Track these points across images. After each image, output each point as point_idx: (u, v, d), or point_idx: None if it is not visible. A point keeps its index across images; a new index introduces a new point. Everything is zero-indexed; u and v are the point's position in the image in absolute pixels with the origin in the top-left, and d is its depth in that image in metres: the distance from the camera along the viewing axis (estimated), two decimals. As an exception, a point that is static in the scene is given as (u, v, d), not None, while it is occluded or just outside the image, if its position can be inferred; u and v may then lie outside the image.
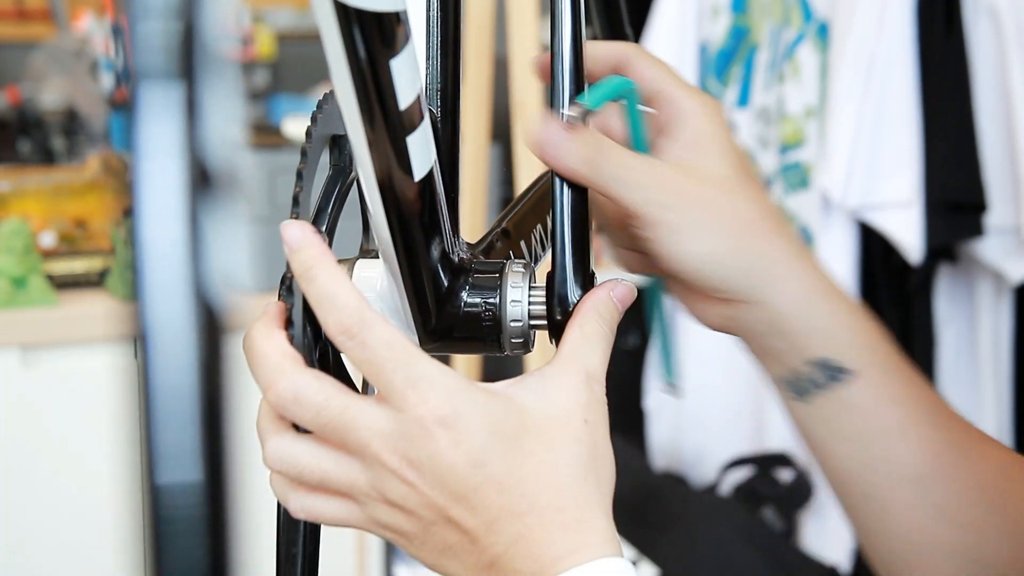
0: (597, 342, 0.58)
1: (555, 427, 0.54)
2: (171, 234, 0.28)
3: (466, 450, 0.52)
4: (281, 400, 0.52)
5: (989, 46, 1.96)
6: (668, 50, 2.38)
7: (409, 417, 0.52)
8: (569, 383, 0.56)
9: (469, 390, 0.53)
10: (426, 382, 0.52)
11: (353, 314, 0.52)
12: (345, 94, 0.50)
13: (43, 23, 3.03)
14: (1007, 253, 1.99)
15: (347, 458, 0.53)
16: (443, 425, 0.51)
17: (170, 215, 0.28)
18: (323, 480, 0.54)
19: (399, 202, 0.55)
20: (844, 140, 2.02)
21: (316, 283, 0.52)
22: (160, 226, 0.28)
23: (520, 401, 0.54)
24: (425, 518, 0.53)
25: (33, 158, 2.75)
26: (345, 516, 0.55)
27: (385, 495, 0.53)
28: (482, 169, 1.78)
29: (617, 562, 0.52)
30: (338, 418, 0.52)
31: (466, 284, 0.61)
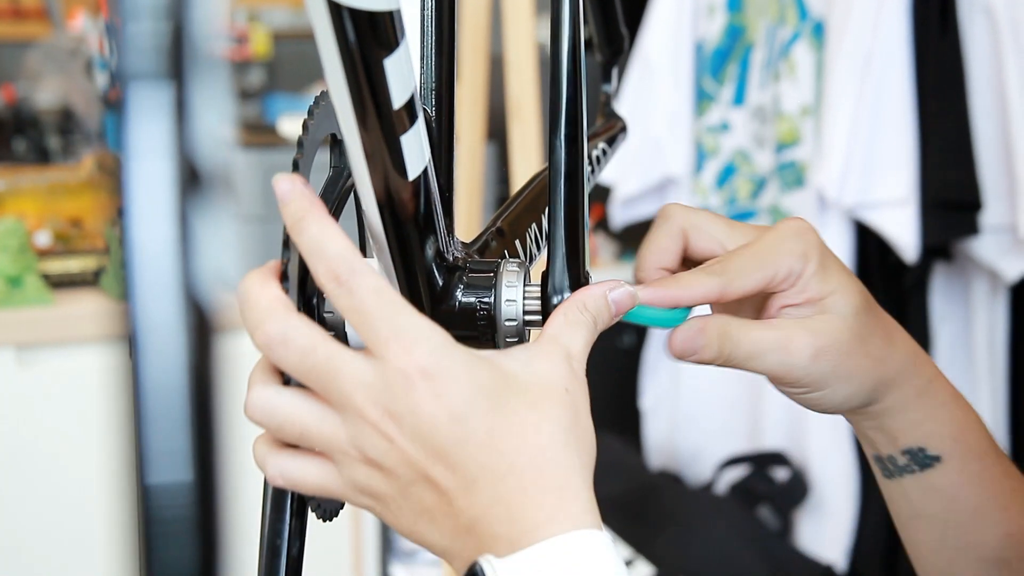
0: (578, 329, 0.58)
1: (538, 391, 0.54)
2: (161, 234, 0.28)
3: (447, 403, 0.51)
4: (268, 340, 0.52)
5: (984, 44, 1.96)
6: (664, 49, 2.38)
7: (392, 367, 0.51)
8: (551, 358, 0.55)
9: (455, 347, 0.52)
10: (411, 333, 0.51)
11: (342, 262, 0.52)
12: (339, 93, 0.50)
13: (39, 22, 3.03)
14: (1002, 251, 1.99)
15: (329, 412, 0.52)
16: (425, 377, 0.51)
17: (160, 215, 0.28)
18: (303, 434, 0.53)
19: (393, 201, 0.55)
20: (840, 139, 2.02)
21: (306, 233, 0.52)
22: (150, 226, 0.28)
23: (504, 365, 0.54)
24: (403, 477, 0.52)
25: (28, 157, 2.75)
26: (323, 480, 0.54)
27: (364, 451, 0.52)
28: (478, 168, 1.78)
29: (597, 535, 0.51)
30: (324, 363, 0.52)
31: (461, 283, 0.61)
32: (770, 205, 2.25)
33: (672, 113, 2.39)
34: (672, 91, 2.39)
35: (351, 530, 2.25)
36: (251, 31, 3.43)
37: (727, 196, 2.35)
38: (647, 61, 2.39)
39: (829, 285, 0.65)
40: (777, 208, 2.23)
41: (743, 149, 2.32)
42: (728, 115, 2.34)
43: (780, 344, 0.63)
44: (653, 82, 2.39)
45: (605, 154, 0.90)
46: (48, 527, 1.96)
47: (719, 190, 2.37)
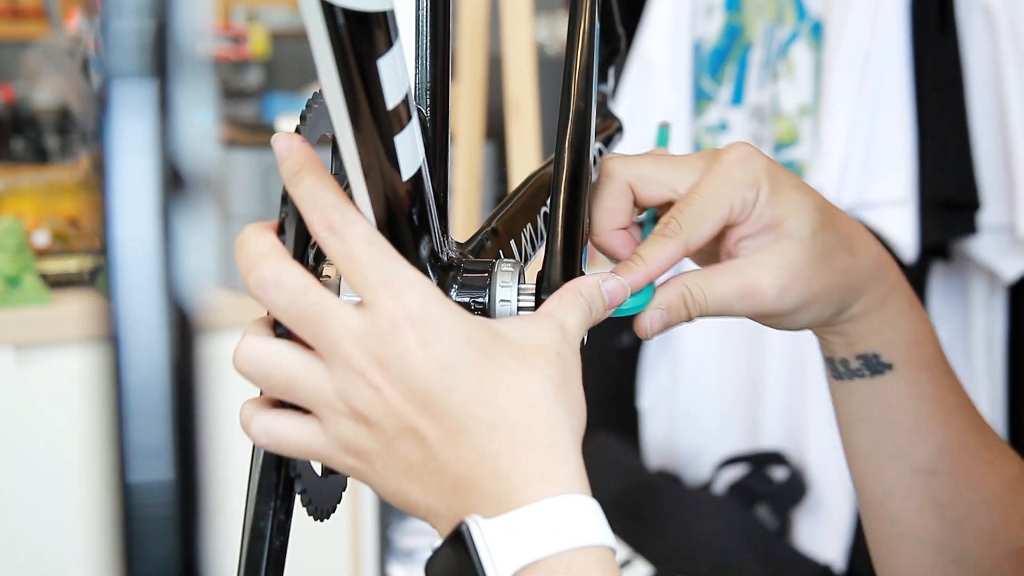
0: (574, 309, 0.57)
1: (529, 350, 0.53)
2: (144, 233, 0.28)
3: (435, 351, 0.51)
4: (262, 282, 0.52)
5: (983, 44, 1.96)
6: (662, 49, 2.38)
7: (380, 313, 0.51)
8: (545, 326, 0.55)
9: (445, 299, 0.53)
10: (401, 280, 0.52)
11: (335, 210, 0.52)
12: (332, 93, 0.50)
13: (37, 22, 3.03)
14: (1001, 251, 1.99)
15: (316, 362, 0.52)
16: (414, 324, 0.51)
17: (142, 214, 0.28)
18: (290, 384, 0.53)
19: (387, 201, 0.55)
20: (838, 138, 2.02)
21: (302, 185, 0.53)
22: (133, 225, 0.28)
23: (496, 325, 0.54)
24: (389, 430, 0.51)
25: (27, 157, 2.75)
26: (308, 438, 0.53)
27: (350, 403, 0.51)
28: (476, 168, 1.78)
29: (585, 500, 0.51)
30: (314, 307, 0.52)
31: (455, 283, 0.61)
32: (768, 205, 2.25)
33: (670, 113, 2.39)
34: (670, 91, 2.39)
35: (349, 530, 2.25)
36: (249, 31, 3.43)
37: (725, 196, 2.35)
38: (645, 61, 2.39)
39: (783, 208, 0.63)
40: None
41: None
42: (726, 115, 2.34)
43: (744, 291, 0.63)
44: (651, 82, 2.39)
45: (601, 154, 0.90)
46: (45, 525, 1.96)
47: (717, 190, 2.37)
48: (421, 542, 2.56)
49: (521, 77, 1.66)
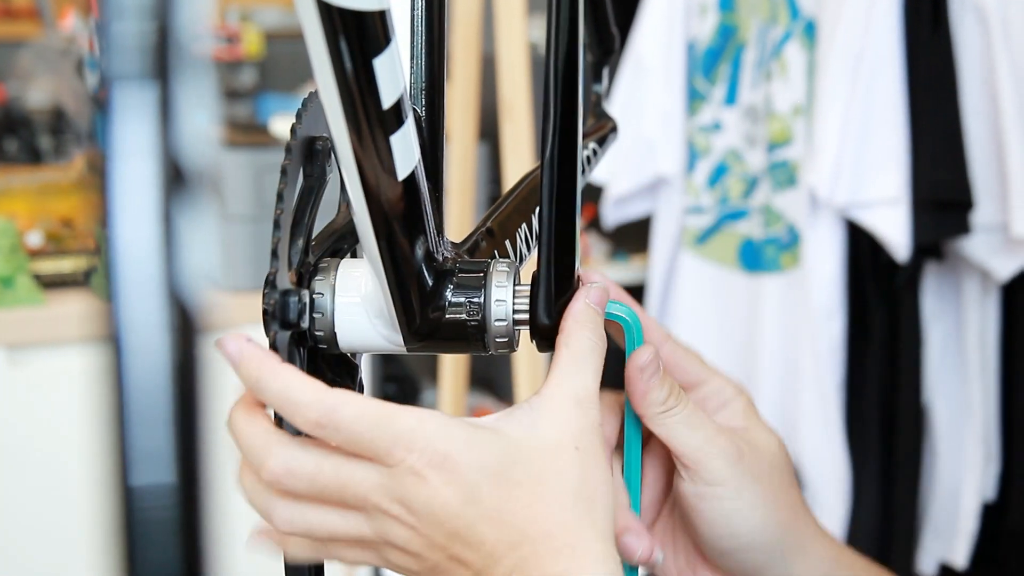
0: (586, 358, 0.58)
1: (543, 458, 0.55)
2: (145, 234, 0.28)
3: (458, 489, 0.53)
4: (275, 477, 0.54)
5: (976, 44, 1.96)
6: (655, 48, 2.38)
7: (400, 470, 0.53)
8: (558, 414, 0.56)
9: (452, 429, 0.54)
10: (408, 435, 0.53)
11: (316, 408, 0.53)
12: (328, 93, 0.50)
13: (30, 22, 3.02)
14: (994, 251, 2.00)
15: (351, 512, 0.55)
16: (433, 468, 0.53)
17: (144, 215, 0.28)
18: (333, 535, 0.55)
19: (382, 202, 0.55)
20: (831, 138, 2.02)
21: (269, 391, 0.53)
22: (134, 226, 0.28)
23: (508, 434, 0.55)
24: (431, 559, 0.54)
25: (20, 157, 2.75)
26: (362, 559, 0.56)
27: (391, 541, 0.54)
28: (470, 168, 1.78)
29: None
30: (333, 480, 0.54)
31: (450, 284, 0.60)
32: (762, 204, 2.25)
33: (664, 113, 2.39)
34: (664, 91, 2.39)
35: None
36: (243, 31, 3.42)
37: (719, 195, 2.36)
38: (639, 61, 2.40)
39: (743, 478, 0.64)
40: (769, 207, 2.23)
41: (735, 148, 2.32)
42: (720, 114, 2.34)
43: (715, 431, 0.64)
44: (645, 82, 2.40)
45: (596, 154, 0.90)
46: (40, 527, 1.95)
47: (711, 189, 2.37)
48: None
49: (514, 77, 1.65)
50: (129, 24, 0.27)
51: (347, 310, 0.59)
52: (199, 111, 0.28)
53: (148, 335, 0.27)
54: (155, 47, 0.27)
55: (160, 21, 0.27)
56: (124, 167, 0.27)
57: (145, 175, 0.27)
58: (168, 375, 0.28)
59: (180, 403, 0.28)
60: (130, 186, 0.27)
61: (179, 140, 0.28)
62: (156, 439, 0.27)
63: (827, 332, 2.11)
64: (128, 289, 0.28)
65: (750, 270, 2.30)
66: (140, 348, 0.27)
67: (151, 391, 0.27)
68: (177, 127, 0.28)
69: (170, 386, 0.28)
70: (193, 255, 0.28)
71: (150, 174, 0.27)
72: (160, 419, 0.27)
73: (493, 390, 2.78)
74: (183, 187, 0.28)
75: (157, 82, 0.27)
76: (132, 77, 0.27)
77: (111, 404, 0.28)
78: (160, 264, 0.27)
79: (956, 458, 2.18)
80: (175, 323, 0.28)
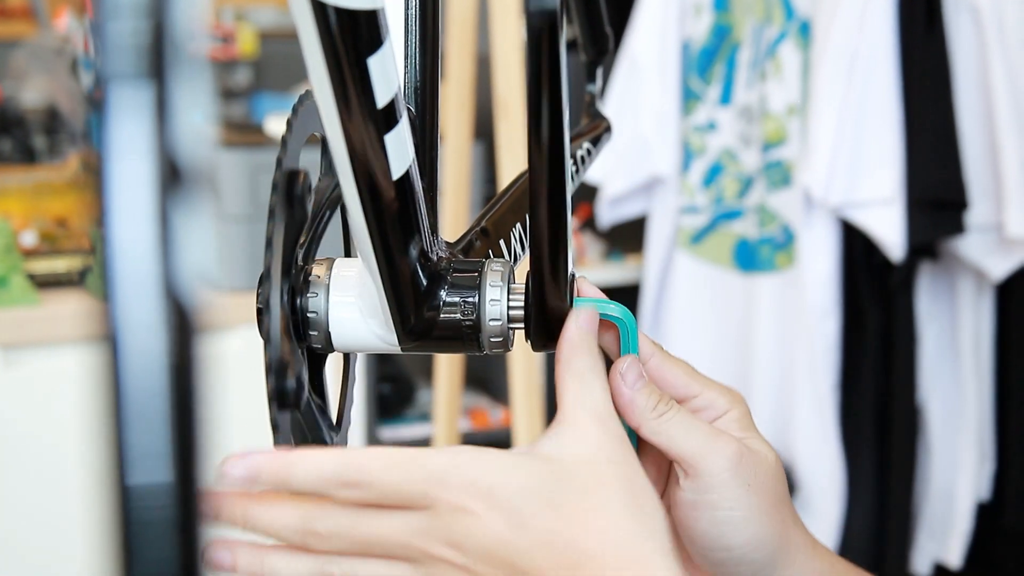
0: (591, 379, 0.57)
1: (583, 474, 0.53)
2: (142, 233, 0.28)
3: (504, 516, 0.51)
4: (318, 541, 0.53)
5: (970, 43, 1.97)
6: (650, 48, 2.38)
7: (441, 509, 0.51)
8: (583, 432, 0.55)
9: (486, 458, 0.52)
10: (441, 473, 0.52)
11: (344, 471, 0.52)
12: (322, 92, 0.50)
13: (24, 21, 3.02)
14: (988, 250, 2.00)
15: (398, 563, 0.53)
16: (475, 499, 0.51)
17: (141, 214, 0.28)
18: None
19: (377, 201, 0.54)
20: (826, 138, 2.02)
21: (297, 479, 0.52)
22: (131, 225, 0.28)
23: (543, 455, 0.54)
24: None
25: (14, 157, 2.74)
26: None
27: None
28: (465, 167, 1.78)
29: None
30: (373, 536, 0.52)
31: (445, 283, 0.60)
32: (757, 204, 2.26)
33: (659, 112, 2.40)
34: (659, 91, 2.39)
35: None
36: (237, 30, 3.42)
37: (714, 195, 2.36)
38: (634, 61, 2.40)
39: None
40: (764, 207, 2.23)
41: (730, 148, 2.32)
42: (715, 114, 2.35)
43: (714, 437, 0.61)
44: (640, 81, 2.40)
45: (590, 154, 0.90)
46: (38, 527, 1.95)
47: (706, 189, 2.37)
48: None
49: (509, 76, 1.65)
50: (124, 23, 0.27)
51: (341, 310, 0.59)
52: (195, 110, 0.28)
53: (145, 334, 0.27)
54: (150, 46, 0.27)
55: (155, 20, 0.27)
56: (120, 167, 0.27)
57: (141, 175, 0.27)
58: (165, 374, 0.28)
59: (177, 402, 0.28)
60: (126, 186, 0.27)
61: (175, 139, 0.28)
62: (153, 438, 0.27)
63: (822, 332, 2.12)
64: (124, 288, 0.28)
65: (745, 270, 2.30)
66: (137, 347, 0.27)
67: (148, 390, 0.27)
68: (173, 126, 0.28)
69: (167, 385, 0.28)
70: (189, 254, 0.28)
71: (146, 174, 0.27)
72: (157, 418, 0.27)
73: (488, 390, 2.78)
74: (179, 186, 0.28)
75: (153, 81, 0.27)
76: (128, 77, 0.27)
77: (108, 403, 0.28)
78: (157, 263, 0.27)
79: (951, 458, 2.18)
80: (172, 322, 0.28)
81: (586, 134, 0.92)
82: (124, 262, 0.28)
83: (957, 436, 2.17)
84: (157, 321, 0.28)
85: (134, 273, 0.28)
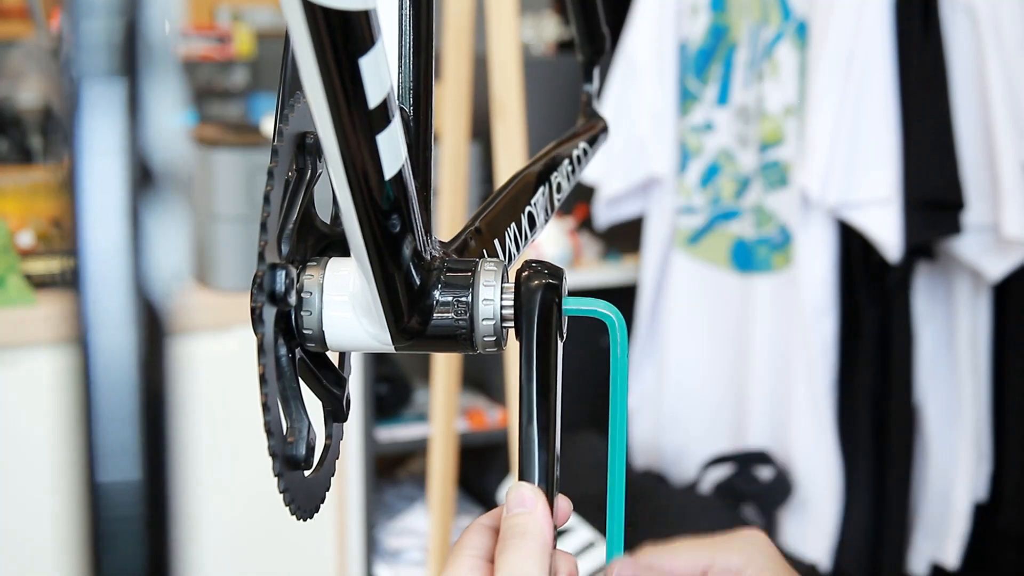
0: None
1: None
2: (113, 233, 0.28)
3: None
4: None
5: (966, 44, 1.97)
6: (647, 49, 2.38)
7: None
8: None
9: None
10: None
11: None
12: (314, 93, 0.50)
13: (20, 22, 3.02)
14: (985, 251, 2.00)
15: None
16: None
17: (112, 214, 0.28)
18: None
19: (369, 200, 0.54)
20: (822, 138, 2.03)
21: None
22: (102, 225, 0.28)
23: None
24: None
25: (10, 157, 2.74)
26: None
27: None
28: (462, 167, 1.78)
29: None
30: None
31: (438, 283, 0.60)
32: (754, 204, 2.26)
33: (656, 113, 2.40)
34: (656, 91, 2.40)
35: (335, 530, 2.25)
36: (234, 30, 3.42)
37: (711, 195, 2.36)
38: (631, 61, 2.40)
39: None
40: (761, 207, 2.23)
41: (727, 149, 2.32)
42: (712, 115, 2.35)
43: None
44: (637, 82, 2.40)
45: (586, 154, 0.90)
46: (35, 527, 1.95)
47: (703, 190, 2.37)
48: (407, 542, 2.56)
49: (506, 77, 1.65)
50: (96, 22, 0.27)
51: (335, 308, 0.59)
52: (168, 109, 0.28)
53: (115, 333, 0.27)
54: (122, 44, 0.27)
55: (127, 18, 0.27)
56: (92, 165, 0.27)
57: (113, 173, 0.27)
58: (135, 372, 0.28)
59: (147, 400, 0.28)
60: (98, 185, 0.27)
61: (147, 138, 0.28)
62: (122, 436, 0.27)
63: (819, 332, 2.12)
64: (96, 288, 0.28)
65: (742, 270, 2.30)
66: (107, 346, 0.27)
67: (118, 388, 0.27)
68: (145, 125, 0.28)
69: (136, 383, 0.28)
70: (162, 254, 0.28)
71: (118, 172, 0.27)
72: (126, 416, 0.27)
73: (485, 390, 2.78)
74: (152, 186, 0.28)
75: (124, 79, 0.27)
76: (99, 74, 0.27)
77: (79, 402, 0.28)
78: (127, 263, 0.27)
79: (948, 458, 2.18)
80: (143, 322, 0.28)
81: (583, 134, 0.92)
82: (96, 262, 0.28)
83: (954, 436, 2.17)
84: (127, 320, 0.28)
85: (106, 273, 0.28)
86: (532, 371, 0.59)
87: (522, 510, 0.55)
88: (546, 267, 0.61)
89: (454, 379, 1.82)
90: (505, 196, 0.73)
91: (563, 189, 0.81)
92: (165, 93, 0.28)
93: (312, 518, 0.61)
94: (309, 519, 0.61)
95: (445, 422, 1.81)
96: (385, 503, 2.72)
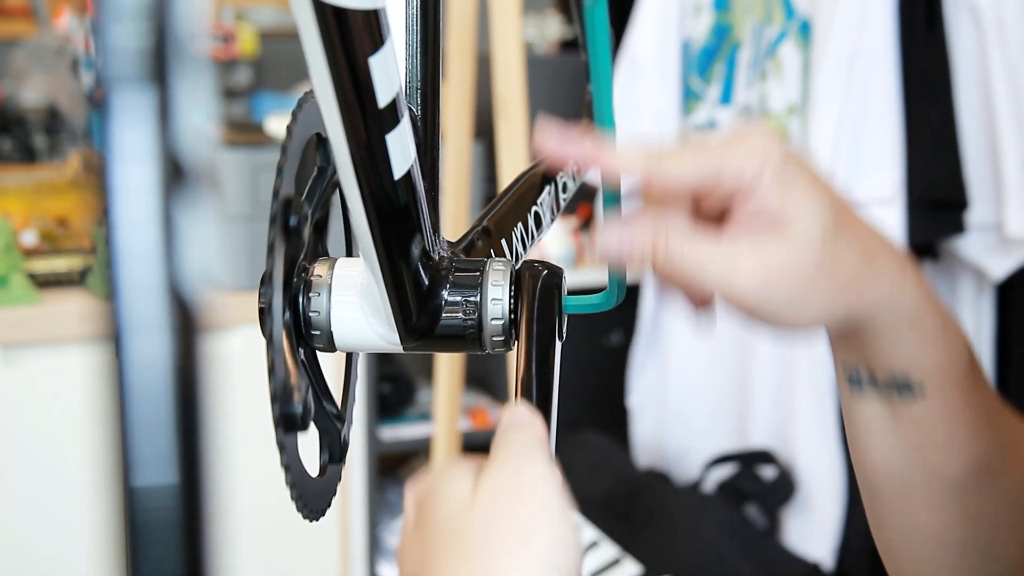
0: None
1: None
2: (146, 233, 0.28)
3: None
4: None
5: (970, 43, 1.97)
6: (651, 48, 2.38)
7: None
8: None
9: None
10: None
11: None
12: (324, 92, 0.50)
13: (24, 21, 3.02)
14: (988, 250, 2.00)
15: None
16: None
17: (144, 214, 0.28)
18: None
19: (379, 200, 0.55)
20: (826, 137, 2.02)
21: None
22: (135, 225, 0.28)
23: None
24: None
25: (14, 156, 2.74)
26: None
27: None
28: (465, 167, 1.78)
29: None
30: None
31: (447, 282, 0.61)
32: (757, 204, 2.25)
33: (659, 112, 2.40)
34: (659, 90, 2.40)
35: (338, 529, 2.25)
36: (238, 30, 3.42)
37: (714, 195, 2.36)
38: (634, 60, 2.40)
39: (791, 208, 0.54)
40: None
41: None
42: (715, 114, 2.35)
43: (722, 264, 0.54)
44: (640, 81, 2.40)
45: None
46: (33, 528, 1.95)
47: (706, 189, 2.37)
48: (410, 541, 2.56)
49: (510, 76, 1.66)
50: (126, 25, 0.27)
51: (344, 309, 0.59)
52: (197, 110, 0.28)
53: (149, 335, 0.27)
54: (152, 48, 0.27)
55: (156, 22, 0.27)
56: (123, 168, 0.27)
57: (145, 176, 0.27)
58: (169, 375, 0.28)
59: (182, 403, 0.28)
60: (130, 187, 0.27)
61: (178, 140, 0.28)
62: (158, 440, 0.27)
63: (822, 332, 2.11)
64: (128, 289, 0.28)
65: (745, 269, 2.30)
66: (141, 348, 0.27)
67: (152, 391, 0.27)
68: (176, 127, 0.28)
69: (171, 386, 0.28)
70: (193, 254, 0.28)
71: (149, 175, 0.27)
72: (162, 419, 0.27)
73: (489, 389, 2.78)
74: (182, 186, 0.28)
75: (155, 83, 0.27)
76: (130, 79, 0.27)
77: (112, 404, 0.28)
78: (160, 264, 0.27)
79: (951, 457, 2.18)
80: (176, 322, 0.28)
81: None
82: (128, 262, 0.28)
83: (957, 436, 2.17)
84: (161, 321, 0.28)
85: (138, 273, 0.28)
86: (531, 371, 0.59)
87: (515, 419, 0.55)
88: (546, 266, 0.61)
89: (457, 378, 1.83)
90: (512, 196, 0.73)
91: (568, 189, 0.81)
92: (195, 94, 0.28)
93: (320, 518, 0.61)
94: (318, 520, 0.61)
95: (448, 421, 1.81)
96: (388, 502, 2.72)
